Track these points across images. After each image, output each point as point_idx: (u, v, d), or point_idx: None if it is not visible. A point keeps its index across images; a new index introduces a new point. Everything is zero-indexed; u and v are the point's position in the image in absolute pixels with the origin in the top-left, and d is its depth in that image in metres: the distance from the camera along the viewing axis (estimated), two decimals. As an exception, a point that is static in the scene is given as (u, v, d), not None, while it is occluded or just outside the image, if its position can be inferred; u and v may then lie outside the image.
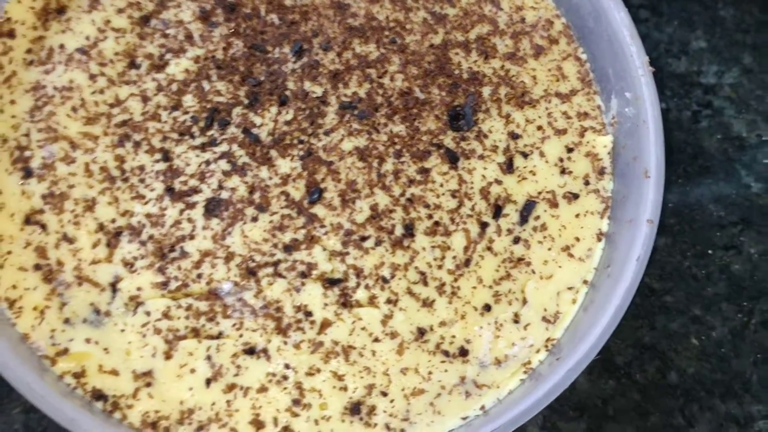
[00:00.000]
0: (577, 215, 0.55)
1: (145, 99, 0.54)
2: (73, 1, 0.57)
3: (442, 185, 0.54)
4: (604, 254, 0.54)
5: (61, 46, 0.55)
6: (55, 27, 0.56)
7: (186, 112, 0.54)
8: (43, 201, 0.52)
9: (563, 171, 0.56)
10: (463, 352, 0.51)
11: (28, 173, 0.52)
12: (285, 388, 0.50)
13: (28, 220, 0.51)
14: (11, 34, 0.55)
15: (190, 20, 0.56)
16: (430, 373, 0.51)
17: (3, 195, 0.52)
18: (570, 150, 0.57)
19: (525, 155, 0.56)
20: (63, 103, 0.54)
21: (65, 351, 0.49)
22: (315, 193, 0.53)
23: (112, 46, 0.55)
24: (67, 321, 0.50)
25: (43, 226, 0.51)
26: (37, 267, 0.50)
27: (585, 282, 0.54)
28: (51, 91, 0.54)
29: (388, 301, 0.52)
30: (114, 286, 0.51)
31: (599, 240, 0.55)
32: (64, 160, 0.53)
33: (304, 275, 0.51)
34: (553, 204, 0.55)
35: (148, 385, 0.49)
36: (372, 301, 0.51)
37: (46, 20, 0.56)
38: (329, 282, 0.51)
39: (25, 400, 0.55)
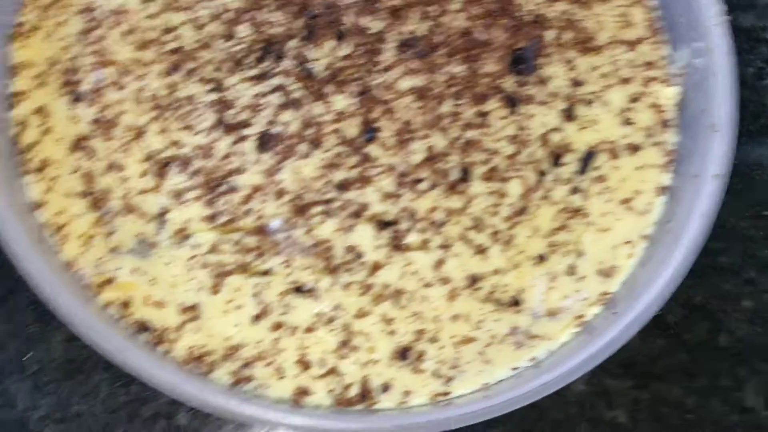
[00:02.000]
0: (639, 168, 0.54)
1: (197, 26, 0.53)
2: None
3: (500, 130, 0.53)
4: (665, 209, 0.53)
5: (113, -32, 0.54)
6: (107, -56, 0.54)
7: (240, 43, 0.52)
8: (92, 127, 0.51)
9: (626, 121, 0.54)
10: (516, 302, 0.50)
11: (77, 97, 0.51)
12: (333, 330, 0.49)
13: (76, 145, 0.50)
14: (62, -47, 0.53)
15: (246, -54, 0.54)
16: (481, 321, 0.50)
17: (51, 118, 0.51)
18: (634, 100, 0.55)
19: (587, 103, 0.54)
20: (114, 26, 0.52)
21: (111, 280, 0.48)
22: (370, 131, 0.51)
23: (163, -31, 0.53)
24: (113, 250, 0.49)
25: (91, 152, 0.50)
26: (84, 194, 0.50)
27: (644, 237, 0.52)
28: (101, 13, 0.52)
29: (441, 246, 0.50)
30: (161, 217, 0.50)
31: (660, 194, 0.53)
32: (114, 86, 0.51)
33: (355, 215, 0.50)
34: (614, 155, 0.54)
35: (194, 319, 0.48)
36: (424, 245, 0.50)
37: (99, -61, 0.54)
38: (381, 224, 0.50)
39: (66, 329, 0.56)
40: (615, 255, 0.52)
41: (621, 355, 0.59)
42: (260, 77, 0.52)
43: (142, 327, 0.48)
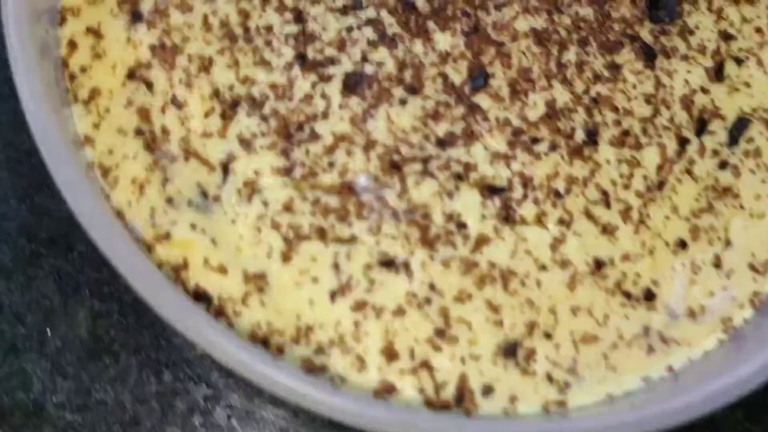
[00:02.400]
0: (802, 142, 0.46)
1: None
2: None
3: (635, 87, 0.46)
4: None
5: None
6: None
7: None
8: (152, 53, 0.44)
9: (787, 86, 0.47)
10: (649, 296, 0.43)
11: (136, 17, 0.45)
12: (427, 315, 0.41)
13: (132, 75, 0.44)
14: None
15: None
16: (606, 316, 0.43)
17: (105, 40, 0.44)
18: (797, 61, 0.48)
19: (739, 61, 0.48)
20: (185, -66, 0.46)
21: (167, 236, 0.42)
22: (479, 77, 0.45)
23: None
24: (170, 201, 0.42)
25: (149, 84, 0.44)
26: (139, 132, 0.43)
27: (806, 226, 0.45)
28: None
29: (561, 222, 0.43)
30: (226, 167, 0.43)
31: (830, 175, 0.46)
32: (180, 8, 0.45)
33: (459, 177, 0.43)
34: (772, 125, 0.46)
35: (261, 290, 0.41)
36: (540, 219, 0.43)
37: None
38: (490, 190, 0.44)
39: (91, 304, 0.51)
40: (771, 247, 0.44)
41: None
42: (350, 8, 0.46)
43: (200, 295, 0.41)
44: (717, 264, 0.44)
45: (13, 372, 0.51)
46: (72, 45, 0.44)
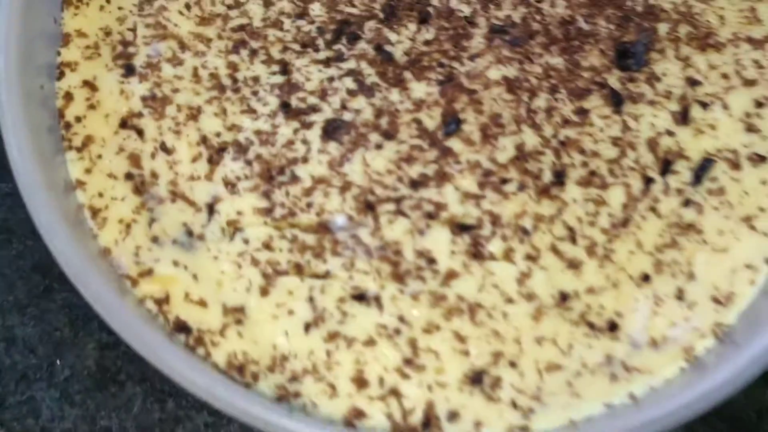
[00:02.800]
0: (764, 182, 0.47)
1: (267, 3, 0.50)
2: None
3: (602, 130, 0.48)
4: (794, 231, 0.46)
5: (179, -65, 0.51)
6: None
7: (312, 22, 0.49)
8: (143, 103, 0.48)
9: (750, 128, 0.48)
10: (613, 327, 0.44)
11: (129, 71, 0.48)
12: (396, 344, 0.43)
13: (124, 123, 0.48)
14: None
15: None
16: (570, 346, 0.44)
17: (100, 92, 0.48)
18: (759, 105, 0.49)
19: (704, 105, 0.49)
20: (176, -2, 0.49)
21: (150, 272, 0.44)
22: (452, 123, 0.47)
23: (234, -61, 0.51)
24: (155, 239, 0.45)
25: (140, 132, 0.47)
26: (129, 176, 0.46)
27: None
28: (164, -18, 0.50)
29: (527, 257, 0.45)
30: (211, 207, 0.46)
31: (790, 214, 0.46)
32: (171, 61, 0.49)
33: (430, 216, 0.45)
34: (735, 165, 0.47)
35: (239, 322, 0.44)
36: (508, 254, 0.45)
37: None
38: (459, 227, 0.45)
39: (100, 336, 0.54)
40: (733, 280, 0.46)
41: (724, 408, 0.52)
42: (332, 60, 0.49)
43: (180, 327, 0.43)
44: (680, 296, 0.45)
45: (23, 400, 0.54)
46: (68, 96, 0.48)
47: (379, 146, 0.46)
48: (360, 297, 0.44)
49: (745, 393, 0.51)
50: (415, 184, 0.46)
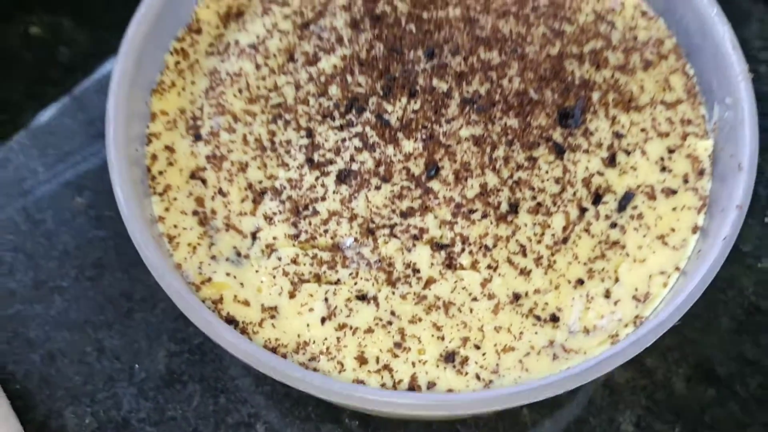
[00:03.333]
0: (674, 208, 0.57)
1: (297, 87, 0.62)
2: (249, 7, 0.67)
3: (547, 172, 0.58)
4: (697, 245, 0.56)
5: (236, 42, 0.65)
6: (233, 27, 0.66)
7: (330, 99, 0.61)
8: (206, 161, 0.60)
9: (663, 169, 0.59)
10: (554, 318, 0.54)
11: (197, 138, 0.61)
12: (389, 332, 0.54)
13: (192, 175, 0.59)
14: (198, 31, 0.66)
15: (342, 26, 0.64)
16: (521, 333, 0.54)
17: (176, 153, 0.60)
18: (671, 151, 0.59)
19: (627, 152, 0.59)
20: (232, 85, 0.62)
21: (209, 280, 0.56)
22: (432, 170, 0.57)
23: (276, 44, 0.64)
24: (213, 257, 0.57)
25: (204, 181, 0.59)
26: (195, 213, 0.58)
27: (677, 269, 0.56)
28: (224, 75, 0.63)
29: (489, 267, 0.55)
30: (254, 235, 0.57)
31: (694, 233, 0.57)
32: (227, 130, 0.61)
33: (416, 238, 0.56)
34: (651, 197, 0.58)
35: (273, 317, 0.55)
36: (474, 265, 0.55)
37: (227, 21, 0.67)
38: (437, 246, 0.56)
39: (168, 347, 0.65)
40: (649, 283, 0.55)
41: (671, 401, 0.62)
42: (344, 126, 0.60)
43: (230, 319, 0.55)
44: (607, 296, 0.55)
45: (109, 396, 0.65)
46: (154, 157, 0.59)
47: (378, 187, 0.57)
48: (362, 297, 0.55)
49: (688, 388, 0.62)
50: (404, 214, 0.56)
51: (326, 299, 0.55)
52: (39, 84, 0.79)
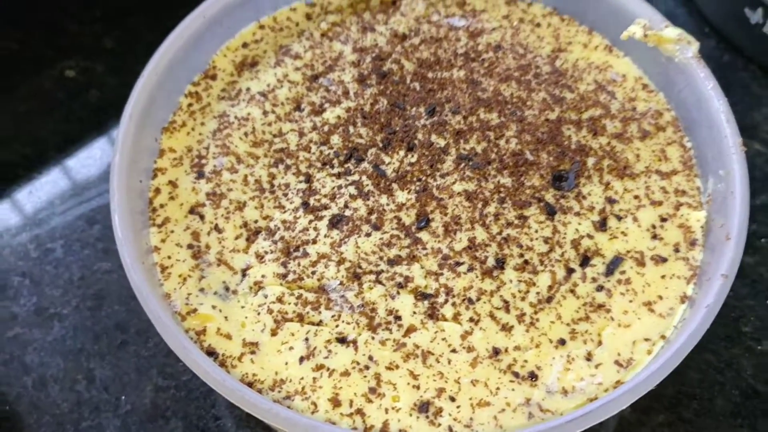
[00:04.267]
0: (663, 276, 0.55)
1: (301, 134, 0.62)
2: (264, 58, 0.68)
3: (537, 231, 0.57)
4: (684, 314, 0.54)
5: (248, 89, 0.66)
6: (246, 75, 0.67)
7: (331, 148, 0.61)
8: (206, 197, 0.60)
9: (654, 236, 0.57)
10: (533, 377, 0.52)
11: (200, 175, 0.61)
12: (365, 377, 0.52)
13: (192, 210, 0.60)
14: (213, 77, 0.67)
15: (349, 81, 0.65)
16: (498, 388, 0.52)
17: (178, 189, 0.60)
18: (664, 220, 0.58)
19: (619, 218, 0.58)
20: (239, 128, 0.63)
21: (194, 311, 0.55)
22: (423, 221, 0.57)
23: (285, 93, 0.65)
24: (201, 290, 0.56)
25: (202, 217, 0.59)
26: (190, 246, 0.58)
27: (662, 336, 0.53)
28: (232, 119, 0.64)
29: (471, 320, 0.54)
30: (244, 272, 0.57)
31: (683, 302, 0.54)
32: (230, 170, 0.61)
33: (400, 286, 0.55)
34: (641, 263, 0.56)
35: (253, 353, 0.53)
36: (456, 317, 0.54)
37: (241, 70, 0.67)
38: (421, 295, 0.55)
39: (156, 381, 0.64)
40: (633, 350, 0.53)
41: None
42: (342, 174, 0.60)
43: (211, 351, 0.54)
44: (588, 358, 0.53)
45: (93, 425, 0.64)
46: (157, 191, 0.60)
47: (368, 234, 0.57)
48: (342, 340, 0.53)
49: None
50: (392, 262, 0.56)
51: (307, 339, 0.54)
52: (68, 123, 0.80)
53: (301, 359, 0.53)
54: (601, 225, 0.57)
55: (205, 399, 0.64)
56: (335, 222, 0.58)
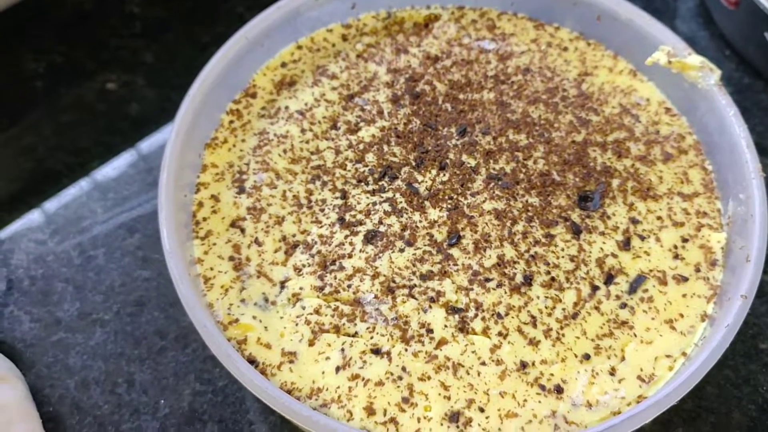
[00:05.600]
0: (684, 295, 0.57)
1: (337, 152, 0.64)
2: (302, 78, 0.70)
3: (563, 250, 0.58)
4: (704, 333, 0.56)
5: (286, 108, 0.68)
6: (285, 94, 0.70)
7: (366, 166, 0.63)
8: (247, 212, 0.62)
9: (676, 256, 0.59)
10: (559, 390, 0.54)
11: (241, 190, 0.63)
12: (398, 387, 0.54)
13: (233, 224, 0.62)
14: (254, 96, 0.69)
15: (384, 101, 0.67)
16: (525, 401, 0.53)
17: (220, 203, 0.63)
18: (685, 240, 0.59)
19: (642, 238, 0.60)
20: (278, 145, 0.65)
21: (236, 320, 0.57)
22: (454, 238, 0.59)
23: (322, 112, 0.67)
24: (242, 301, 0.58)
25: (243, 230, 0.61)
26: (231, 258, 0.60)
27: (684, 353, 0.55)
28: (271, 136, 0.66)
29: (499, 334, 0.55)
30: (283, 284, 0.59)
31: (703, 320, 0.56)
32: (269, 186, 0.63)
33: (432, 300, 0.57)
34: (663, 282, 0.58)
35: (291, 362, 0.55)
36: (485, 331, 0.56)
37: (280, 89, 0.70)
38: (452, 309, 0.56)
39: (194, 386, 0.65)
40: (655, 365, 0.55)
41: None
42: (377, 191, 0.62)
43: (251, 360, 0.56)
44: (612, 373, 0.54)
45: (133, 427, 0.65)
46: (200, 204, 0.62)
47: (401, 250, 0.59)
48: (377, 351, 0.55)
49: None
50: (424, 277, 0.58)
51: (343, 350, 0.55)
52: (109, 134, 0.82)
53: (337, 369, 0.55)
54: (625, 244, 0.59)
55: (240, 404, 0.66)
56: (370, 237, 0.60)
